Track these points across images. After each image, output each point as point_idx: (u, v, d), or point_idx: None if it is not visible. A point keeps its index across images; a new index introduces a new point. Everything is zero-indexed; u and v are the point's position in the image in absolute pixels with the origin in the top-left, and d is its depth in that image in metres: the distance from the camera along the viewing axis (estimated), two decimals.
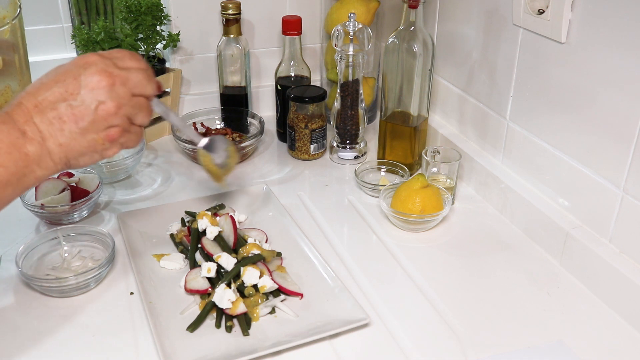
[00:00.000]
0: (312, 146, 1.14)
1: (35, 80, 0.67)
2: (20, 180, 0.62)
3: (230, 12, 1.14)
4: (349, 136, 1.13)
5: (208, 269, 0.79)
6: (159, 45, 1.18)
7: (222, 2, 1.14)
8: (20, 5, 0.91)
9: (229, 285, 0.77)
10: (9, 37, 0.92)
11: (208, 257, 0.83)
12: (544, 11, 0.84)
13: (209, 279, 0.80)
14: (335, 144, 1.15)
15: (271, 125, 1.24)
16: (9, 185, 0.62)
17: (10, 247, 0.88)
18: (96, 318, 0.76)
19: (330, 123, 1.16)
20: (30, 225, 0.95)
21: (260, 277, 0.78)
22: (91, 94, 0.64)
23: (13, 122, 0.62)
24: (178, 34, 1.18)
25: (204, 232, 0.86)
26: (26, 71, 0.98)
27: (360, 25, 1.05)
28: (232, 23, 1.15)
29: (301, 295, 0.79)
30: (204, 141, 0.84)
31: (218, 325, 0.74)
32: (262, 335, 0.73)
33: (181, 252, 0.87)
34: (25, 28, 1.03)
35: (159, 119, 1.23)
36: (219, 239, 0.85)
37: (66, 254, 0.85)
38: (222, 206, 0.93)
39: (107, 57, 0.67)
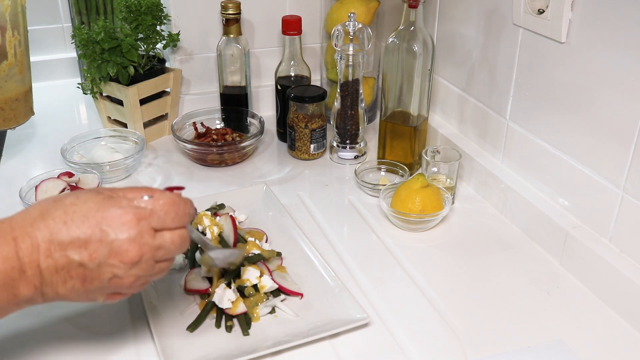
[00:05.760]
0: (312, 146, 1.14)
1: (59, 206, 0.57)
2: (1, 314, 0.58)
3: (230, 12, 1.14)
4: (349, 136, 1.13)
5: (208, 269, 0.79)
6: (159, 45, 1.18)
7: (222, 2, 1.14)
8: None
9: (229, 285, 0.77)
10: (9, 12, 0.91)
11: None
12: (544, 11, 0.84)
13: (209, 279, 0.80)
14: (335, 144, 1.15)
15: (271, 125, 1.25)
16: None
17: None
18: (96, 318, 0.76)
19: (330, 123, 1.16)
20: None
21: (260, 276, 0.78)
22: (110, 265, 0.57)
23: (17, 257, 0.55)
24: (178, 34, 1.18)
25: (204, 232, 0.86)
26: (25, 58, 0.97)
27: (360, 25, 1.05)
28: (232, 23, 1.15)
29: (301, 295, 0.79)
30: (217, 252, 0.75)
31: (218, 325, 0.74)
32: (262, 335, 0.73)
33: None
34: None
35: (159, 119, 1.23)
36: (219, 239, 0.85)
37: None
38: (222, 206, 0.93)
39: (146, 217, 0.58)
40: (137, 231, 0.57)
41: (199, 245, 0.79)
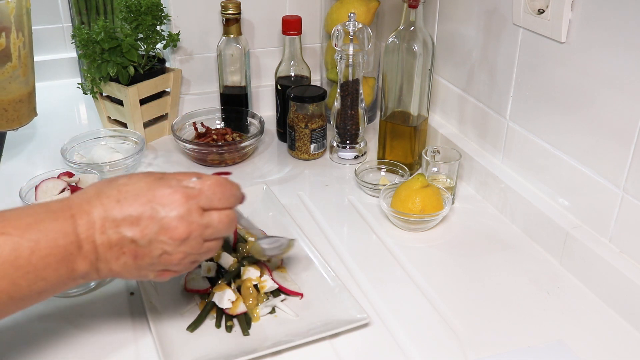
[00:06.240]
0: (312, 146, 1.14)
1: (113, 185, 0.60)
2: (58, 289, 0.59)
3: (230, 12, 1.14)
4: (349, 136, 1.13)
5: (208, 268, 0.79)
6: (159, 45, 1.18)
7: (222, 2, 1.14)
8: None
9: (229, 284, 0.77)
10: (14, 13, 0.91)
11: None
12: (544, 11, 0.84)
13: (209, 278, 0.80)
14: (335, 144, 1.15)
15: (271, 125, 1.25)
16: (43, 294, 0.58)
17: None
18: (96, 318, 0.76)
19: (330, 123, 1.16)
20: None
21: (260, 276, 0.78)
22: (160, 242, 0.59)
23: (75, 233, 0.57)
24: (178, 34, 1.18)
25: None
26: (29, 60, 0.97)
27: (360, 25, 1.05)
28: (232, 23, 1.15)
29: (301, 295, 0.79)
30: (267, 241, 0.79)
31: (218, 325, 0.74)
32: (262, 335, 0.73)
33: None
34: None
35: (159, 119, 1.23)
36: None
37: None
38: None
39: (194, 197, 0.61)
40: (186, 209, 0.60)
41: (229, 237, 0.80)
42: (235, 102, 1.23)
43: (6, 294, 0.55)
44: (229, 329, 0.74)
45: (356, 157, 1.15)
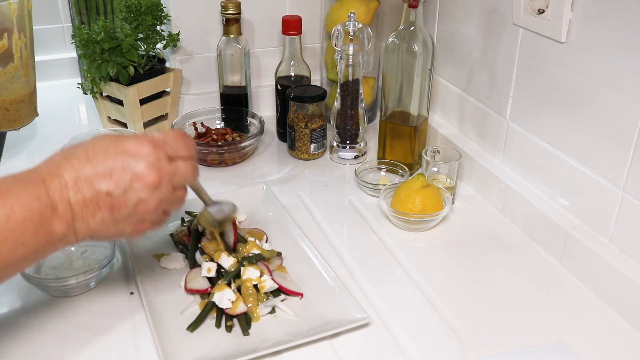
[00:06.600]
0: (312, 146, 1.14)
1: (79, 147, 0.63)
2: (38, 255, 0.60)
3: (230, 12, 1.14)
4: (349, 136, 1.13)
5: (208, 268, 0.79)
6: (159, 45, 1.18)
7: (222, 2, 1.14)
8: None
9: (229, 284, 0.77)
10: (16, 15, 0.91)
11: (208, 257, 0.83)
12: (544, 11, 0.84)
13: (209, 278, 0.80)
14: (335, 144, 1.15)
15: (271, 125, 1.25)
16: (25, 261, 0.59)
17: None
18: (96, 318, 0.76)
19: (330, 123, 1.16)
20: None
21: (260, 276, 0.78)
22: (135, 190, 0.62)
23: (48, 195, 0.58)
24: (178, 34, 1.18)
25: (203, 233, 0.86)
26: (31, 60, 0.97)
27: (360, 25, 1.05)
28: (232, 23, 1.15)
29: (301, 295, 0.79)
30: (214, 207, 0.81)
31: (218, 325, 0.74)
32: (262, 335, 0.73)
33: (181, 252, 0.87)
34: None
35: (159, 119, 1.23)
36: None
37: (68, 254, 0.85)
38: None
39: (160, 146, 0.64)
40: (155, 157, 0.63)
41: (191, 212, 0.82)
42: (235, 102, 1.23)
43: None
44: (229, 329, 0.74)
45: (356, 157, 1.15)
